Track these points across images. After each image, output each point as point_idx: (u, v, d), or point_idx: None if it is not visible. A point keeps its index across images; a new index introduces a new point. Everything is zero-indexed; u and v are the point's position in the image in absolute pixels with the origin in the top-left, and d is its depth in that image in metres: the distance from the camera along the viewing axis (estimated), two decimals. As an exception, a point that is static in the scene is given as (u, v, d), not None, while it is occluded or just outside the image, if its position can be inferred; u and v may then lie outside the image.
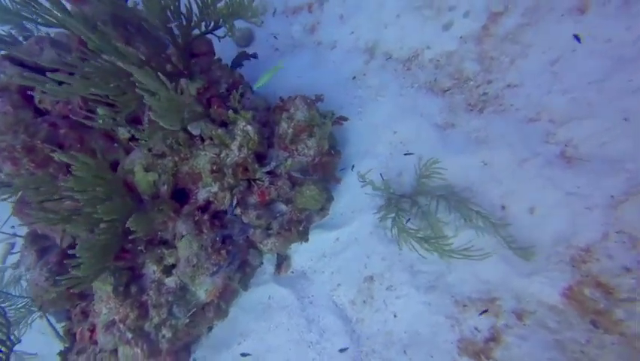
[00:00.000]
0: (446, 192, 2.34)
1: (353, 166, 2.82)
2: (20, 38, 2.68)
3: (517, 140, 2.08)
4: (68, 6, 1.73)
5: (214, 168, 2.14)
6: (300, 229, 2.57)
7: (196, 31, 2.22)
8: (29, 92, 2.14)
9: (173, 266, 2.00)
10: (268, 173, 2.50)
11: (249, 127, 2.31)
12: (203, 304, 2.17)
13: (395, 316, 2.22)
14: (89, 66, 1.62)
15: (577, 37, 2.17)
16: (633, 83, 1.78)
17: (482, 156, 2.24)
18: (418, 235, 2.13)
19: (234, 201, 2.26)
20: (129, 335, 1.79)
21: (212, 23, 2.20)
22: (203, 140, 2.31)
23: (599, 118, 1.80)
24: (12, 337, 2.54)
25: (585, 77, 1.92)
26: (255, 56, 3.23)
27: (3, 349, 2.38)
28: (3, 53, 2.31)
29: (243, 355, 2.48)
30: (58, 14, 1.61)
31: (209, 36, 2.48)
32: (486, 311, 1.80)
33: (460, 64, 2.54)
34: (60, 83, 1.63)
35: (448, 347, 1.93)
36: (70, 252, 1.57)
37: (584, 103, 1.88)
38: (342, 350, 2.20)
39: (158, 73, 1.63)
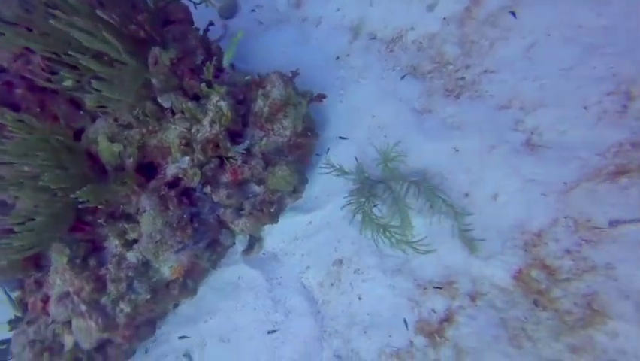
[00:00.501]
0: (419, 177, 2.46)
1: (328, 149, 2.91)
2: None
3: (488, 127, 2.17)
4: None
5: (183, 142, 2.22)
6: (272, 210, 2.67)
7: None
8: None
9: (136, 241, 2.10)
10: (242, 152, 2.58)
11: (222, 102, 2.38)
12: (168, 282, 2.28)
13: (360, 298, 2.36)
14: (46, 24, 1.64)
15: (512, 13, 2.27)
16: (596, 70, 1.88)
17: (455, 142, 2.33)
18: (379, 221, 2.26)
19: (204, 179, 2.36)
20: (83, 308, 1.89)
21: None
22: (174, 113, 2.38)
23: (563, 106, 1.89)
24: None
25: (556, 64, 1.99)
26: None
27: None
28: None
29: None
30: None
31: (187, 3, 2.51)
32: (440, 288, 1.95)
33: (442, 47, 2.61)
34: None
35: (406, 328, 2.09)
36: (9, 220, 1.63)
37: (552, 90, 1.96)
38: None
39: (105, 35, 1.65)
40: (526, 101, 2.06)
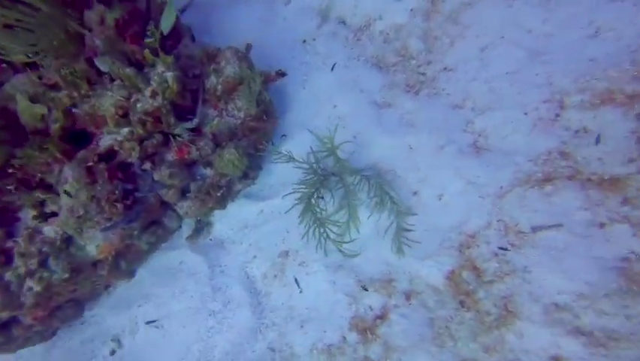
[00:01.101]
0: (373, 172, 2.45)
1: (284, 136, 2.85)
2: None
3: (441, 126, 2.19)
4: None
5: (119, 112, 2.08)
6: (219, 195, 2.59)
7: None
8: None
9: (56, 215, 1.95)
10: (191, 130, 2.47)
11: (168, 73, 2.24)
12: (95, 261, 2.16)
13: (301, 291, 2.35)
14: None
15: None
16: (537, 77, 1.93)
17: (410, 139, 2.34)
18: (319, 216, 2.24)
19: (144, 154, 2.23)
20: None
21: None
22: (113, 79, 2.23)
23: (507, 110, 1.94)
24: None
25: (504, 67, 2.03)
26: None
27: None
28: None
29: (149, 322, 2.54)
30: None
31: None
32: (367, 290, 1.98)
33: (407, 40, 2.59)
34: None
35: (341, 323, 2.08)
36: None
37: (499, 93, 2.00)
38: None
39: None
40: (477, 102, 2.08)
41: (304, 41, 3.15)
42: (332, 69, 2.77)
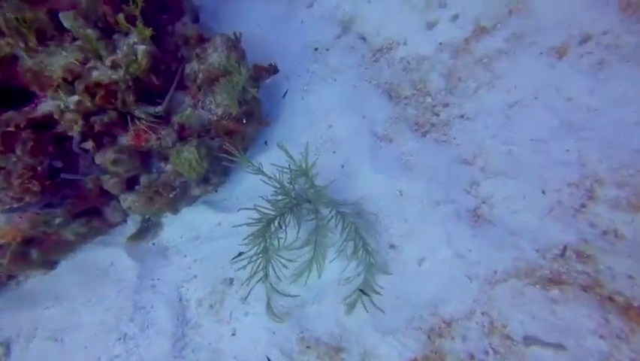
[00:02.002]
0: (353, 209, 2.13)
1: (266, 142, 2.57)
2: None
3: (442, 178, 1.88)
4: None
5: (68, 77, 1.80)
6: (171, 196, 2.26)
7: None
8: None
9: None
10: (159, 117, 2.17)
11: (140, 46, 1.96)
12: (-5, 244, 1.83)
13: (233, 334, 1.98)
14: None
15: None
16: (569, 154, 1.63)
17: (403, 184, 2.02)
18: (269, 246, 1.92)
19: (87, 130, 1.93)
20: None
21: None
22: (75, 39, 1.95)
23: (523, 182, 1.63)
24: None
25: (531, 132, 1.73)
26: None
27: None
28: None
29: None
30: None
31: None
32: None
33: (428, 74, 2.31)
34: None
35: (267, 391, 1.73)
36: None
37: (518, 160, 1.69)
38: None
39: None
40: (489, 163, 1.79)
41: (316, 49, 2.90)
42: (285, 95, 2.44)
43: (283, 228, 1.96)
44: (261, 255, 1.93)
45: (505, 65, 2.01)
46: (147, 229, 2.58)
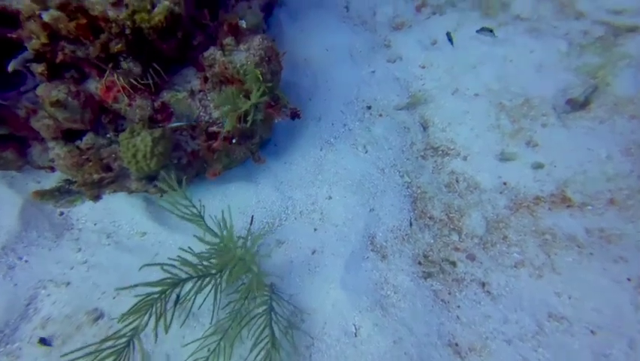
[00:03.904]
0: (289, 310, 1.64)
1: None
2: None
3: (413, 350, 1.38)
4: None
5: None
6: (98, 177, 1.87)
7: None
8: None
9: None
10: (138, 79, 1.82)
11: (165, 2, 1.68)
12: None
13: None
14: None
15: (449, 37, 2.40)
16: None
17: (364, 322, 1.52)
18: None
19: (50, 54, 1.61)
20: None
21: None
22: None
23: None
24: None
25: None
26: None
27: None
28: None
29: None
30: None
31: None
32: None
33: (471, 208, 1.87)
34: None
35: None
36: None
37: None
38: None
39: None
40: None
41: (369, 107, 2.55)
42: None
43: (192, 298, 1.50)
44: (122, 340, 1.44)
45: (570, 262, 1.52)
46: (67, 192, 2.21)
